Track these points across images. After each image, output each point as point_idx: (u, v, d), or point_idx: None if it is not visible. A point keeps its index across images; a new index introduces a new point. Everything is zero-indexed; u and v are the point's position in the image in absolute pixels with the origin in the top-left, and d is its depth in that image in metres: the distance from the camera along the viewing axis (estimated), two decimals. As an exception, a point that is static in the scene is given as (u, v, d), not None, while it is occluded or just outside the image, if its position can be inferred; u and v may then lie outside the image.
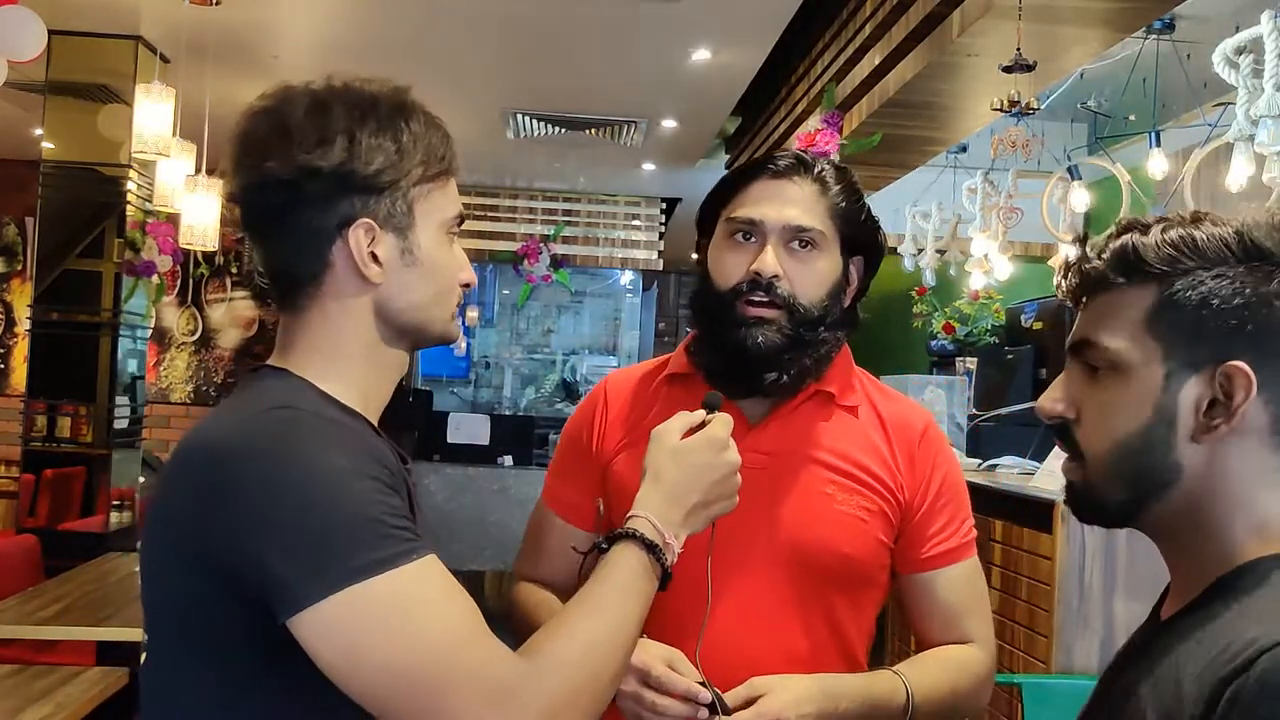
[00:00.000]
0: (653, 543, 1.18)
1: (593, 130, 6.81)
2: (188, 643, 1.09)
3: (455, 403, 9.51)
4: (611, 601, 1.14)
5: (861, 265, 1.57)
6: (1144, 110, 4.67)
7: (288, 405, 1.10)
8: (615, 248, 9.03)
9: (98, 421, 5.58)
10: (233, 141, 1.17)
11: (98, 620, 3.61)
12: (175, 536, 1.08)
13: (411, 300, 1.19)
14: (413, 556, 1.04)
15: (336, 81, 1.18)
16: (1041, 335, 3.57)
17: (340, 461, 1.05)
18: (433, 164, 1.19)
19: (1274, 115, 2.84)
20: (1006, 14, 3.18)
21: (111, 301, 5.60)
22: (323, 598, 1.00)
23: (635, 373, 1.66)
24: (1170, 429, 0.94)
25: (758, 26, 4.98)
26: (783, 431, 1.52)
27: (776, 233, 1.49)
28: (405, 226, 1.17)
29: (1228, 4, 4.01)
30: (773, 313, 1.47)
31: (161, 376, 8.43)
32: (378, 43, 5.28)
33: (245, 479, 1.03)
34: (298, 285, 1.17)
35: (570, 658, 1.08)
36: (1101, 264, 0.99)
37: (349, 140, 1.13)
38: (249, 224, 1.18)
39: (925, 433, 1.56)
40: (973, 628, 1.54)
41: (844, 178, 1.55)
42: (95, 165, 5.57)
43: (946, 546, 1.53)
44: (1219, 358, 0.92)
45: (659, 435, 1.29)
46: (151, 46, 5.43)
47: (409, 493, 1.17)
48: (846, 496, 1.49)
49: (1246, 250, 0.92)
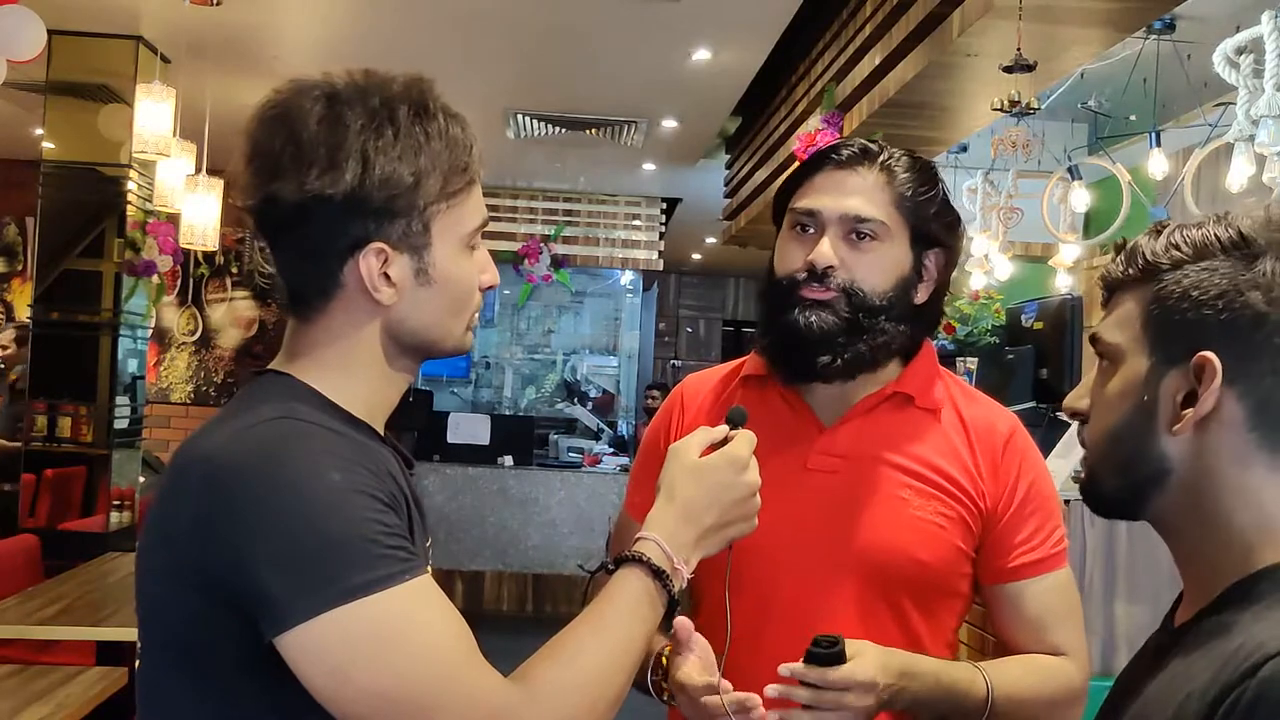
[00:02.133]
0: (659, 568, 1.14)
1: (593, 130, 6.81)
2: (177, 654, 1.07)
3: (455, 403, 9.51)
4: (613, 628, 1.10)
5: (941, 259, 1.50)
6: (1144, 110, 4.67)
7: (287, 415, 1.07)
8: (615, 248, 9.03)
9: (98, 421, 5.58)
10: (242, 149, 1.13)
11: (97, 620, 3.61)
12: (169, 547, 1.06)
13: (424, 320, 1.15)
14: (405, 578, 1.01)
15: (356, 75, 1.12)
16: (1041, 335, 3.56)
17: (336, 477, 1.02)
18: (454, 179, 1.13)
19: (1274, 115, 2.84)
20: (1006, 14, 3.18)
21: (112, 301, 5.60)
22: (311, 617, 0.98)
23: (712, 376, 1.62)
24: (1151, 419, 0.95)
25: (758, 27, 4.98)
26: (857, 434, 1.47)
27: (835, 223, 1.45)
28: (421, 246, 1.12)
29: (1228, 4, 4.01)
30: (829, 295, 1.43)
31: (162, 376, 8.43)
32: (378, 43, 5.27)
33: (239, 493, 1.01)
34: (307, 298, 1.14)
35: (567, 685, 1.05)
36: (1115, 266, 1.01)
37: (362, 164, 1.07)
38: (261, 233, 1.15)
39: (1011, 438, 1.50)
40: (1065, 640, 1.47)
41: (915, 167, 1.48)
42: (96, 165, 5.57)
43: (1034, 557, 1.46)
44: (1194, 349, 0.92)
45: (676, 451, 1.24)
46: (152, 47, 5.43)
47: (412, 501, 1.15)
48: (923, 502, 1.44)
49: (1233, 242, 0.93)
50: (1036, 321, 3.61)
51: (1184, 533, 0.98)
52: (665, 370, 12.15)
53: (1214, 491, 0.94)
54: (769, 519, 1.38)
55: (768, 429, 1.46)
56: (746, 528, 1.23)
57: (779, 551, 1.43)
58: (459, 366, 9.64)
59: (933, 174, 1.50)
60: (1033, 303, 3.79)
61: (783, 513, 1.42)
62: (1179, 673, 0.91)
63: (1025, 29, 3.19)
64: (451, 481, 7.72)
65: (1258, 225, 0.93)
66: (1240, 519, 0.93)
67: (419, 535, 1.13)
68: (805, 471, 1.47)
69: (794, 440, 1.49)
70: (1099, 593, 2.52)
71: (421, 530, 1.17)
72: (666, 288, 12.32)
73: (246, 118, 1.13)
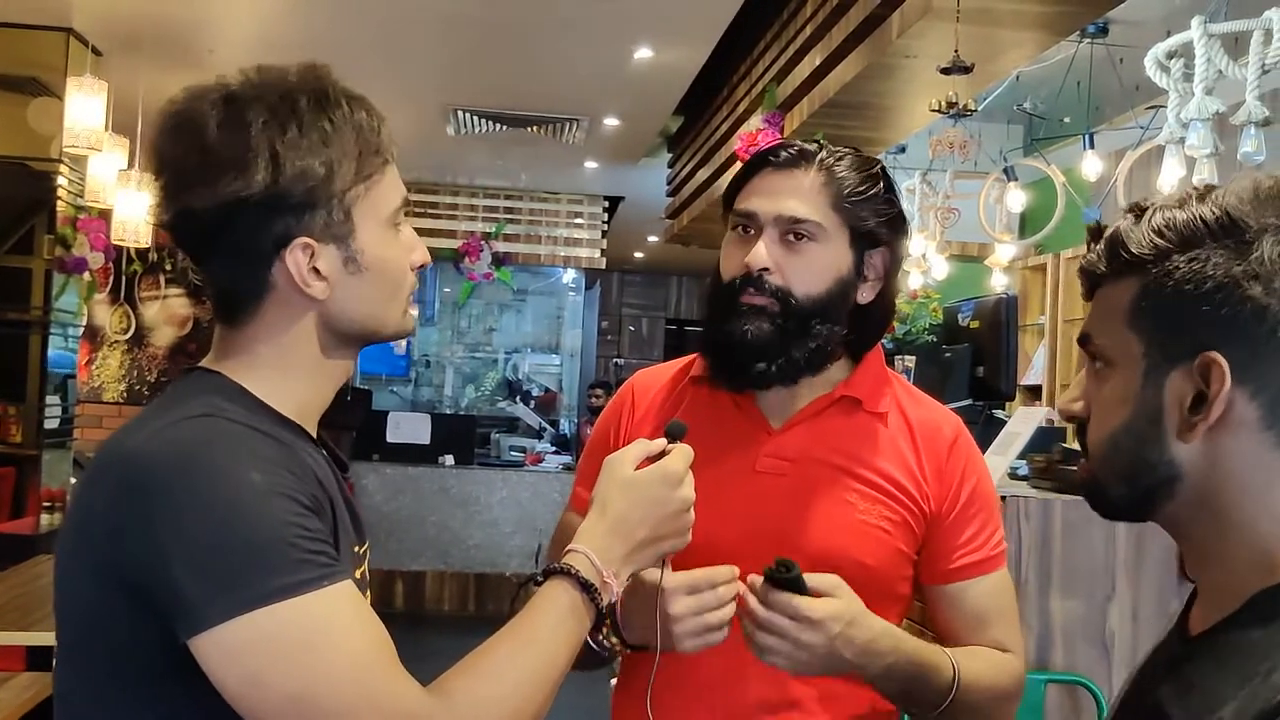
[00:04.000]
0: (588, 582, 1.13)
1: (535, 128, 6.79)
2: (92, 655, 1.05)
3: (395, 401, 9.43)
4: (537, 642, 1.09)
5: (886, 257, 1.50)
6: (1078, 112, 4.75)
7: (211, 413, 1.05)
8: (557, 246, 9.00)
9: (27, 421, 5.46)
10: (151, 161, 1.11)
11: (27, 625, 3.52)
12: (86, 545, 1.04)
13: (361, 309, 1.14)
14: (324, 583, 0.99)
15: (251, 73, 1.10)
16: (978, 334, 3.61)
17: (256, 478, 1.00)
18: (366, 160, 1.12)
19: (1203, 119, 2.90)
20: (945, 16, 3.22)
21: (42, 299, 5.48)
22: (225, 620, 0.96)
23: (663, 373, 1.61)
24: (1155, 425, 0.88)
25: (699, 26, 5.00)
26: (805, 438, 1.48)
27: (771, 224, 1.45)
28: (345, 235, 1.11)
29: (1159, 9, 4.09)
30: (765, 301, 1.43)
31: (93, 375, 8.27)
32: (316, 38, 5.21)
33: (157, 491, 0.99)
34: (239, 303, 1.12)
35: (486, 699, 1.04)
36: (1095, 257, 0.94)
37: (271, 159, 1.05)
38: (182, 247, 1.13)
39: (955, 441, 1.51)
40: (1005, 636, 1.49)
41: (856, 167, 1.48)
42: (25, 160, 5.44)
43: (976, 558, 1.48)
44: (1197, 349, 0.85)
45: (610, 464, 1.23)
46: (83, 39, 5.32)
47: (342, 504, 1.13)
48: (869, 506, 1.45)
49: (1223, 226, 0.85)
50: (973, 320, 3.65)
51: (1198, 537, 0.91)
52: (608, 369, 12.14)
53: (1231, 496, 0.87)
54: (719, 519, 1.39)
55: (717, 430, 1.48)
56: (679, 543, 1.22)
57: (728, 552, 1.43)
58: (398, 365, 9.56)
59: (875, 172, 1.50)
60: (969, 302, 3.84)
61: (732, 513, 1.43)
62: (1199, 686, 0.85)
63: (963, 31, 3.23)
64: (391, 481, 7.65)
65: (1245, 203, 0.85)
66: (1262, 525, 0.86)
67: (346, 539, 1.11)
68: (754, 474, 1.47)
69: (743, 442, 1.49)
70: (1034, 588, 2.56)
71: (353, 533, 1.15)
72: (609, 286, 12.32)
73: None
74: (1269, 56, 2.71)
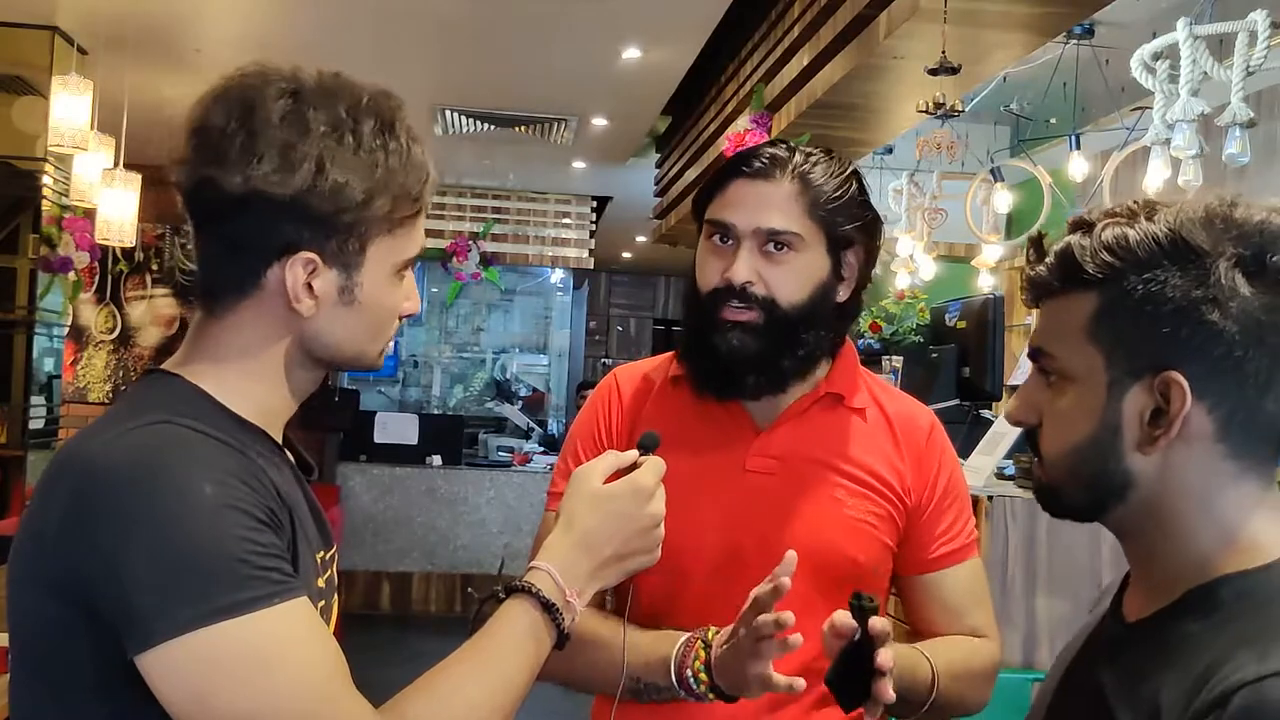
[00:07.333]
0: (549, 601, 1.10)
1: (523, 128, 6.78)
2: (39, 664, 1.02)
3: (382, 401, 9.40)
4: (494, 663, 1.07)
5: (860, 254, 1.50)
6: (1064, 114, 4.76)
7: (168, 420, 1.02)
8: (546, 246, 8.99)
9: (12, 422, 5.43)
10: (191, 122, 1.07)
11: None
12: (37, 552, 1.01)
13: (340, 338, 1.11)
14: (275, 601, 0.97)
15: (325, 77, 1.08)
16: (965, 334, 3.62)
17: (209, 490, 0.97)
18: (401, 205, 1.09)
19: (1189, 120, 2.91)
20: (932, 17, 3.22)
21: (27, 299, 5.45)
22: (172, 637, 0.93)
23: (641, 369, 1.62)
24: (1116, 437, 0.92)
25: (688, 26, 5.00)
26: (792, 436, 1.49)
27: (750, 236, 1.44)
28: (352, 265, 1.08)
29: (1145, 11, 4.10)
30: (749, 315, 1.43)
31: (79, 375, 8.22)
32: (304, 37, 5.19)
33: (107, 501, 0.96)
34: (221, 292, 1.09)
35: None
36: (1046, 270, 0.96)
37: (316, 169, 1.03)
38: (188, 214, 1.10)
39: (931, 432, 1.54)
40: (981, 622, 1.53)
41: (829, 171, 1.47)
42: (9, 159, 5.41)
43: (953, 546, 1.52)
44: (1158, 366, 0.89)
45: (578, 476, 1.20)
46: (68, 37, 5.29)
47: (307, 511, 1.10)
48: (856, 502, 1.47)
49: (1177, 249, 0.89)
50: (960, 320, 3.67)
51: (1142, 537, 0.96)
52: (596, 369, 12.12)
53: (1178, 504, 0.92)
54: (709, 518, 1.40)
55: (705, 429, 1.49)
56: (648, 560, 1.19)
57: (719, 551, 1.44)
58: (386, 365, 9.54)
59: (847, 174, 1.49)
60: (956, 302, 3.85)
61: (723, 512, 1.45)
62: (1139, 672, 0.89)
63: (950, 33, 3.24)
64: (379, 481, 7.63)
65: (1198, 226, 0.89)
66: (1202, 528, 0.92)
67: (308, 547, 1.09)
68: (744, 473, 1.49)
69: (731, 441, 1.50)
70: (1020, 588, 2.57)
71: (318, 540, 1.13)
72: (597, 286, 12.31)
73: (166, 110, 1.09)
74: (1254, 58, 2.72)
